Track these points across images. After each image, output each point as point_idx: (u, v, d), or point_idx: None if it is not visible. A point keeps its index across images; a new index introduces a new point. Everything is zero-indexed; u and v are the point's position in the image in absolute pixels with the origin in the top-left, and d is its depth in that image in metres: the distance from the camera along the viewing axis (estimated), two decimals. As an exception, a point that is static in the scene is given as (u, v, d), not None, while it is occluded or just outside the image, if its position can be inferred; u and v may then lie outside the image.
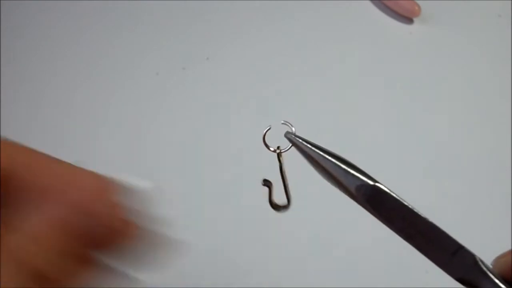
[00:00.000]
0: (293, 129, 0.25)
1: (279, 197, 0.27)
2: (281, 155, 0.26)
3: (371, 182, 0.23)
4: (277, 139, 0.26)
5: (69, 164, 0.21)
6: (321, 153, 0.24)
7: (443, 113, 0.55)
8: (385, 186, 0.23)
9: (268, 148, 0.26)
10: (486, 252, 0.24)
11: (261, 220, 0.48)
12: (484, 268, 0.23)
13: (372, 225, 0.47)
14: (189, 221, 0.49)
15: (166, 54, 0.59)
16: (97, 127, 0.54)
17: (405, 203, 0.23)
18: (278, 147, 0.26)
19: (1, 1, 0.61)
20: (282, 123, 0.25)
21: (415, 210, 0.23)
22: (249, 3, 0.62)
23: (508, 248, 0.25)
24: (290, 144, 0.25)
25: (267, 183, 0.26)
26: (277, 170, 0.26)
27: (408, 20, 0.60)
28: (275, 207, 0.26)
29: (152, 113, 0.55)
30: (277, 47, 0.59)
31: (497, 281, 0.23)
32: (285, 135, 0.25)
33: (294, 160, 0.26)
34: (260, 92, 0.56)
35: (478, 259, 0.24)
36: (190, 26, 0.61)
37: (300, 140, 0.24)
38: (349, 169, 0.23)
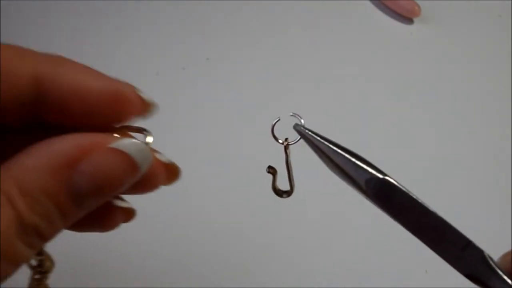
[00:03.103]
0: (302, 121, 0.25)
1: (284, 187, 0.27)
2: (288, 148, 0.25)
3: (380, 176, 0.23)
4: (280, 135, 0.26)
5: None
6: (331, 146, 0.23)
7: (443, 112, 0.55)
8: (394, 180, 0.23)
9: (277, 140, 0.25)
10: (487, 251, 0.24)
11: (260, 219, 0.48)
12: (493, 265, 0.23)
13: (372, 225, 0.46)
14: (188, 221, 0.49)
15: (166, 54, 0.58)
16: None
17: (414, 197, 0.23)
18: (286, 139, 0.25)
19: (1, 1, 0.61)
20: (291, 115, 0.25)
21: (425, 204, 0.23)
22: (249, 3, 0.61)
23: (508, 247, 0.25)
24: (299, 137, 0.25)
25: (271, 170, 0.27)
26: (282, 162, 0.26)
27: (408, 20, 0.61)
28: (278, 192, 0.26)
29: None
30: (277, 47, 0.59)
31: (506, 278, 0.23)
32: (294, 127, 0.25)
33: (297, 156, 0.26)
34: (260, 92, 0.56)
35: (486, 255, 0.23)
36: (190, 26, 0.60)
37: (310, 133, 0.24)
38: (359, 163, 0.23)
